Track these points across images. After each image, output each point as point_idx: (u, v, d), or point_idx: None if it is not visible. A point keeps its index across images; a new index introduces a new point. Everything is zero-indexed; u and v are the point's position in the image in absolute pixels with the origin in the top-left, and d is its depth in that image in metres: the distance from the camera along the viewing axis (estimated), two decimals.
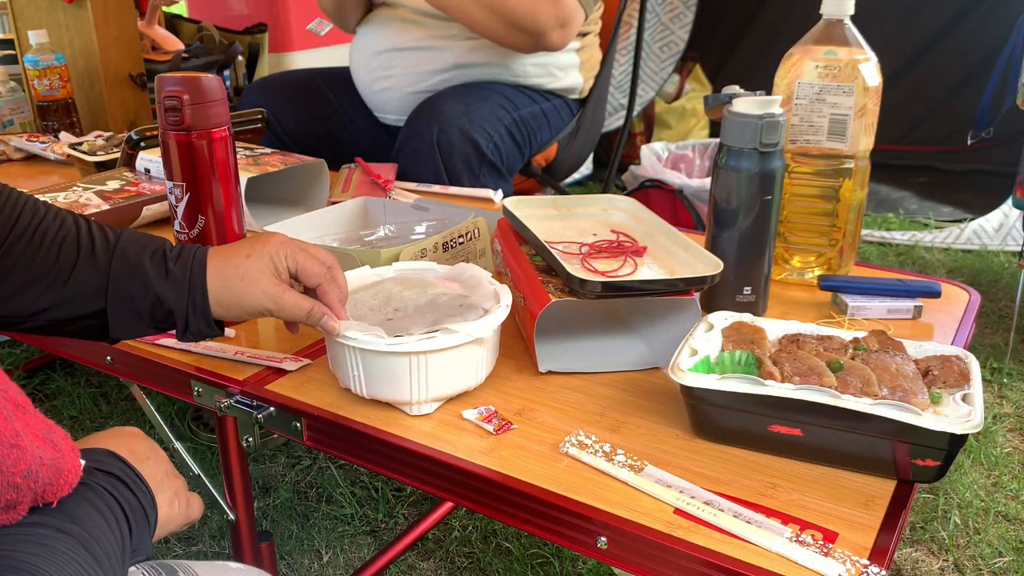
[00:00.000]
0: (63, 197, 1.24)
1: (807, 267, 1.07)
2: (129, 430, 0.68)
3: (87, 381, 1.91)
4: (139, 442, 0.66)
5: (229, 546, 1.39)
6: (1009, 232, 2.57)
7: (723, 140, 0.93)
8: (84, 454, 0.61)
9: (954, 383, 0.72)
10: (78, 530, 0.53)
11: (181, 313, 0.75)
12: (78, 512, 0.54)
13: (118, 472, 0.60)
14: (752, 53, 3.35)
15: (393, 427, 0.77)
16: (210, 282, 0.75)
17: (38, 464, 0.50)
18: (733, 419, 0.71)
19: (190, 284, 0.74)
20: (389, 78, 1.69)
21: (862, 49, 1.00)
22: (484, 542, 1.41)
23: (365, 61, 1.71)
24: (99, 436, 0.66)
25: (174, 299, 0.74)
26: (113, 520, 0.56)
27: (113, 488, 0.59)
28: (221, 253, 0.77)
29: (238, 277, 0.75)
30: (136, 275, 0.74)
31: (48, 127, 1.82)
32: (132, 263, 0.74)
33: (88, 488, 0.56)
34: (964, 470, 1.57)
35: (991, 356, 1.95)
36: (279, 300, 0.76)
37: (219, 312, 0.76)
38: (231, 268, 0.75)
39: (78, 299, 0.74)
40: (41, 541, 0.51)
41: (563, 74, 1.72)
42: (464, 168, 1.53)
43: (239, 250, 0.76)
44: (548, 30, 1.50)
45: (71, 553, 0.51)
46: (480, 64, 1.64)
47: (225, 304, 0.75)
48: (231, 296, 0.75)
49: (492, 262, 1.05)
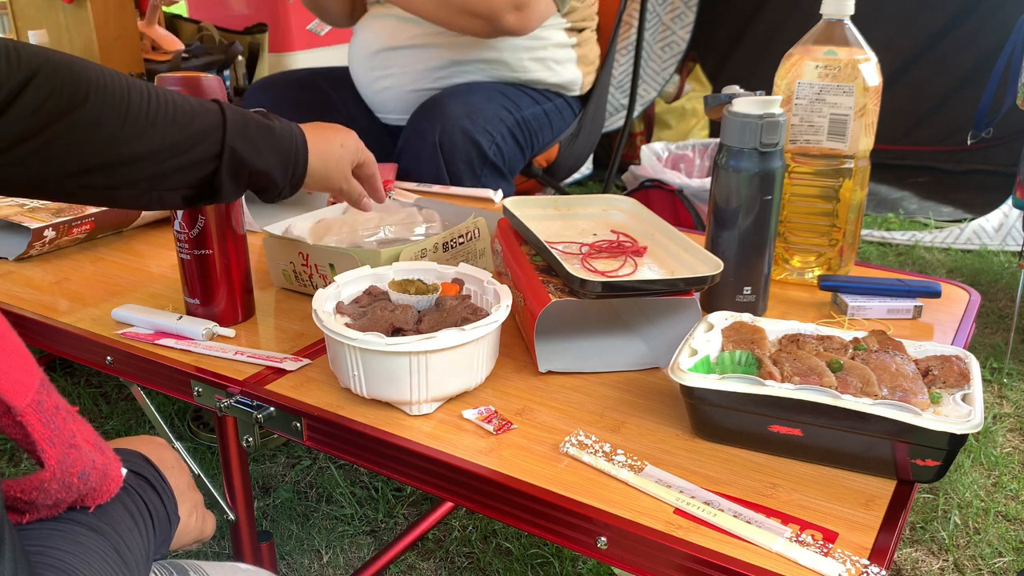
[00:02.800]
0: None
1: (807, 267, 1.08)
2: (156, 440, 0.69)
3: (87, 381, 1.91)
4: (166, 452, 0.67)
5: (229, 546, 1.39)
6: (1009, 232, 2.57)
7: (723, 140, 0.93)
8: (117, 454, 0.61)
9: (954, 383, 0.72)
10: (111, 532, 0.53)
11: (283, 181, 0.87)
12: (111, 513, 0.54)
13: (149, 476, 0.61)
14: (752, 53, 3.35)
15: (393, 427, 0.77)
16: (311, 156, 0.88)
17: (91, 467, 0.51)
18: (733, 419, 0.71)
19: (295, 159, 0.87)
20: (388, 78, 1.69)
21: (862, 49, 1.00)
22: (484, 542, 1.41)
23: (363, 61, 1.71)
24: (127, 441, 0.66)
25: (279, 173, 0.85)
26: (143, 524, 0.57)
27: (143, 492, 0.59)
28: (319, 136, 0.90)
29: (335, 160, 0.91)
30: (248, 141, 0.81)
31: None
32: (243, 132, 0.81)
33: (122, 489, 0.57)
34: (964, 470, 1.57)
35: (991, 356, 1.95)
36: (350, 183, 0.95)
37: (307, 182, 0.90)
38: (330, 152, 0.91)
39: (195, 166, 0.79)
40: (75, 539, 0.51)
41: (561, 68, 1.72)
42: (466, 168, 1.53)
43: (334, 137, 0.92)
44: (501, 12, 1.49)
45: (102, 554, 0.51)
46: (477, 60, 1.64)
47: (316, 177, 0.90)
48: (325, 171, 0.91)
49: (492, 262, 1.05)
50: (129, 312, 0.98)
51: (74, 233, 1.18)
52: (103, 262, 1.18)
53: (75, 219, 1.17)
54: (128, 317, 0.97)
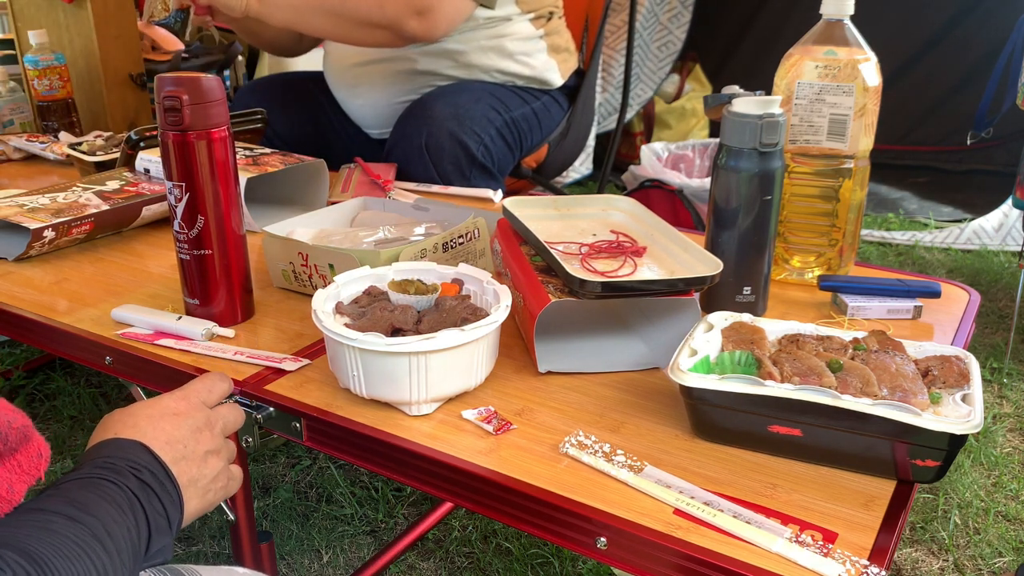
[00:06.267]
0: (62, 197, 1.24)
1: (807, 267, 1.07)
2: (172, 407, 0.66)
3: (87, 381, 1.91)
4: (180, 426, 0.65)
5: (229, 546, 1.39)
6: (1009, 232, 2.57)
7: (723, 140, 0.93)
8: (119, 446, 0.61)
9: (954, 383, 0.72)
10: (91, 520, 0.53)
11: None
12: (94, 505, 0.55)
13: (148, 479, 0.60)
14: (752, 53, 3.35)
15: (393, 427, 0.77)
16: None
17: (7, 427, 0.52)
18: (733, 419, 0.71)
19: None
20: (361, 95, 1.69)
21: (862, 49, 0.99)
22: (484, 542, 1.41)
23: (336, 79, 1.72)
24: (142, 411, 0.65)
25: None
26: (132, 521, 0.57)
27: (142, 495, 0.59)
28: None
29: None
30: None
31: (48, 127, 1.82)
32: None
33: (116, 488, 0.57)
34: (964, 470, 1.57)
35: (991, 356, 1.95)
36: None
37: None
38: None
39: None
40: (46, 526, 0.51)
41: (532, 60, 1.70)
42: (454, 170, 1.53)
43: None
44: (402, 19, 1.43)
45: (77, 539, 0.51)
46: (441, 68, 1.63)
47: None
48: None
49: (492, 262, 1.05)
50: (129, 312, 0.98)
51: (74, 233, 1.18)
52: (103, 262, 1.18)
53: (75, 219, 1.17)
54: (128, 317, 0.97)
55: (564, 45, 1.78)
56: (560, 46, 1.76)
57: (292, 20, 1.45)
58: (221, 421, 0.70)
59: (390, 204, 1.18)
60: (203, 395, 0.71)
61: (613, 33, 3.14)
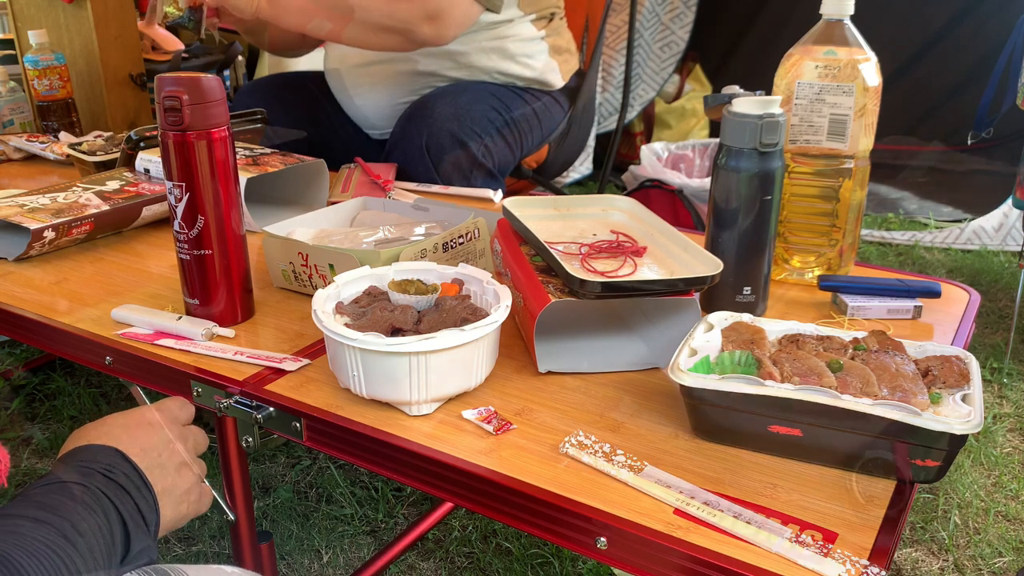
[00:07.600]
0: (63, 197, 1.24)
1: (807, 267, 1.07)
2: (146, 418, 0.68)
3: (87, 381, 1.91)
4: (153, 436, 0.67)
5: (229, 546, 1.39)
6: (1009, 232, 2.57)
7: (723, 140, 0.93)
8: (92, 452, 0.61)
9: (954, 383, 0.72)
10: (59, 520, 0.54)
11: None
12: (62, 507, 0.55)
13: (122, 480, 0.60)
14: (752, 53, 3.35)
15: (393, 427, 0.77)
16: None
17: None
18: (733, 419, 0.71)
19: None
20: (362, 96, 1.69)
21: (862, 49, 0.99)
22: (484, 542, 1.41)
23: (338, 78, 1.72)
24: (116, 421, 0.66)
25: None
26: (104, 519, 0.57)
27: (114, 494, 0.59)
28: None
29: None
30: None
31: (48, 127, 1.82)
32: None
33: (85, 490, 0.57)
34: (964, 470, 1.57)
35: (991, 356, 1.95)
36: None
37: None
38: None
39: None
40: (13, 530, 0.52)
41: (534, 61, 1.70)
42: (455, 171, 1.53)
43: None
44: (415, 24, 1.43)
45: (45, 540, 0.52)
46: (442, 69, 1.63)
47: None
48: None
49: (492, 262, 1.05)
50: (129, 312, 0.98)
51: (74, 233, 1.18)
52: (103, 262, 1.18)
53: (75, 219, 1.17)
54: (128, 317, 0.97)
55: (565, 46, 1.78)
56: (561, 47, 1.76)
57: (302, 23, 1.45)
58: (192, 438, 0.73)
59: (390, 204, 1.18)
60: (175, 411, 0.73)
61: (613, 33, 3.14)
